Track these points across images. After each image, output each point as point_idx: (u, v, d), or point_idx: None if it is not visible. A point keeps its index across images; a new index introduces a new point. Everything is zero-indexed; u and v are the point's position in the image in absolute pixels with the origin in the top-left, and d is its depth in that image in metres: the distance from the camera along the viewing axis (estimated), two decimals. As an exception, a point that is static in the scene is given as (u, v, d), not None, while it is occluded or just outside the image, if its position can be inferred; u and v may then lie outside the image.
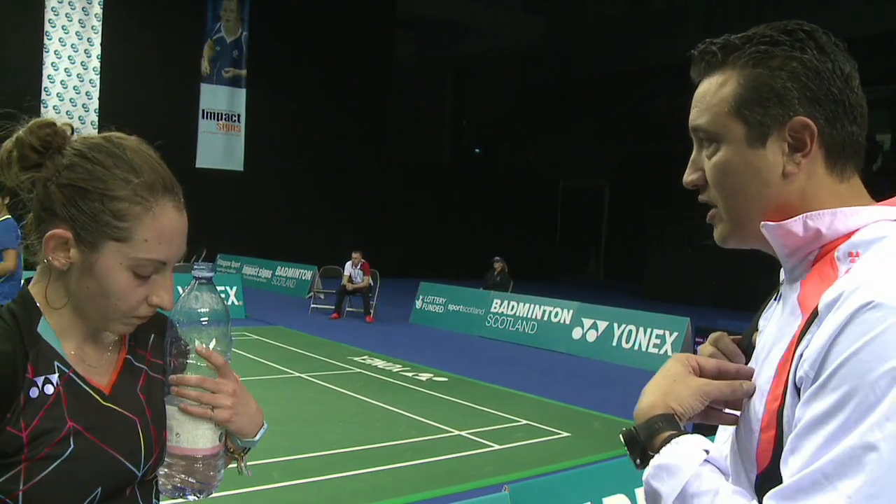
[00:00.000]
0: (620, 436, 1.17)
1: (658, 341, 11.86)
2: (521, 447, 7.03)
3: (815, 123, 1.05)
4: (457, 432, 7.47)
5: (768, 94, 1.07)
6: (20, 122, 1.38)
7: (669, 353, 11.64)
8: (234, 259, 21.25)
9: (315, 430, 7.32)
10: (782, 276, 1.14)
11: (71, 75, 19.85)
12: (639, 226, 24.50)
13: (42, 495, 1.22)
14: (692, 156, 1.17)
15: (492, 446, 7.04)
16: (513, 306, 14.22)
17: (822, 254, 1.06)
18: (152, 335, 1.44)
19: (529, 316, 13.78)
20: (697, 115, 1.14)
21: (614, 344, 12.26)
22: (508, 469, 6.25)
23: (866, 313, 0.92)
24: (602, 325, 12.61)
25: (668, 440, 1.09)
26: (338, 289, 15.79)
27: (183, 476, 1.36)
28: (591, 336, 12.65)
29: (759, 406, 1.05)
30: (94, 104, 20.09)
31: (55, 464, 1.22)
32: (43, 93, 19.44)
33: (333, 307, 15.73)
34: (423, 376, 10.20)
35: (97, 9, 19.99)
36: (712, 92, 1.12)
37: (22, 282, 2.86)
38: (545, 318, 13.48)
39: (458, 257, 25.96)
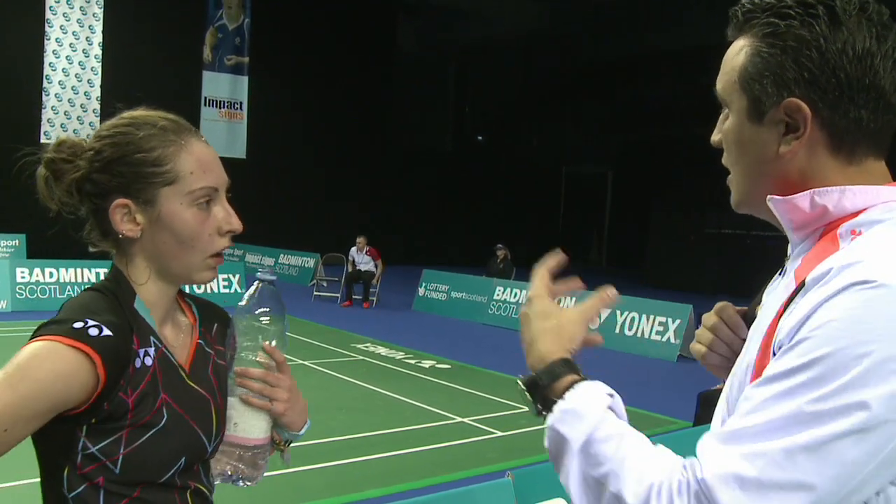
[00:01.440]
0: (518, 382, 1.17)
1: (661, 328, 11.87)
2: (524, 434, 7.05)
3: (812, 107, 1.01)
4: (460, 419, 7.49)
5: (767, 72, 1.04)
6: (40, 152, 1.50)
7: (672, 340, 11.66)
8: (237, 247, 21.26)
9: (319, 417, 7.29)
10: (790, 250, 1.13)
11: (73, 63, 19.79)
12: (642, 213, 24.45)
13: (137, 460, 1.32)
14: (721, 116, 1.16)
15: (495, 433, 7.06)
16: (515, 293, 14.23)
17: (827, 230, 1.04)
18: (216, 325, 1.56)
19: (532, 303, 13.77)
20: (719, 79, 1.13)
21: (617, 331, 12.27)
22: (511, 455, 6.26)
23: (856, 290, 0.90)
24: (604, 312, 12.60)
25: (570, 385, 1.10)
26: (345, 276, 15.79)
27: (235, 463, 1.47)
28: (594, 323, 12.57)
29: (746, 376, 1.04)
30: (96, 92, 20.05)
31: (151, 432, 1.33)
32: (44, 80, 19.40)
33: (339, 295, 15.74)
34: (426, 363, 10.22)
35: (99, -4, 19.94)
36: (730, 58, 1.10)
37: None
38: (548, 306, 13.47)
39: (461, 245, 25.96)
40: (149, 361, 1.35)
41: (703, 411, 6.34)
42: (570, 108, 29.90)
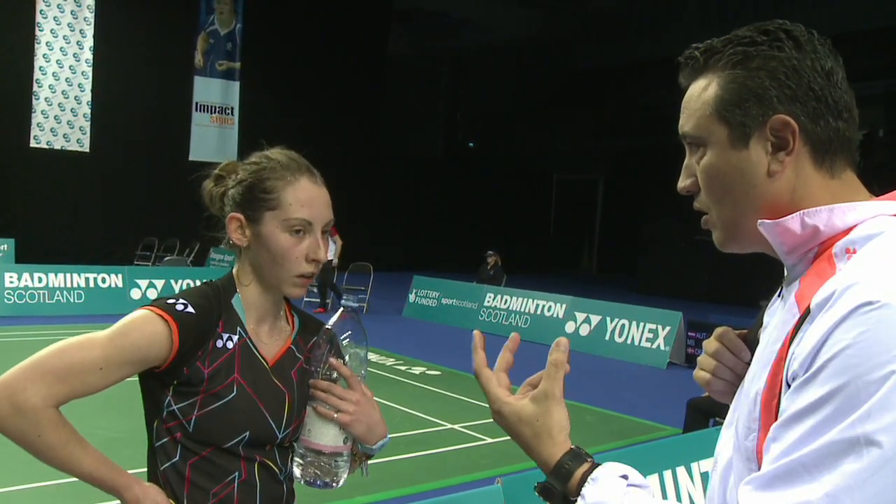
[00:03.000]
0: (536, 493, 1.18)
1: (651, 335, 11.88)
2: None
3: (796, 121, 1.04)
4: (450, 426, 7.48)
5: (747, 95, 1.06)
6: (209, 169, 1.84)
7: (662, 347, 11.67)
8: (228, 253, 21.16)
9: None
10: (785, 272, 1.13)
11: (63, 67, 19.71)
12: (633, 220, 24.51)
13: (208, 422, 1.63)
14: (685, 162, 1.17)
15: (485, 440, 7.05)
16: (506, 300, 14.23)
17: (821, 251, 1.04)
18: (314, 338, 1.79)
19: (523, 310, 13.79)
20: (684, 121, 1.14)
21: (607, 338, 12.28)
22: (502, 462, 6.25)
23: (863, 312, 0.89)
24: (595, 319, 12.63)
25: (584, 479, 1.12)
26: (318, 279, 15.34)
27: (312, 468, 1.71)
28: (585, 330, 12.67)
29: (756, 405, 1.04)
30: (87, 96, 19.97)
31: (221, 401, 1.64)
32: (34, 85, 19.31)
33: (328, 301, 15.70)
34: (417, 370, 10.21)
35: (89, 0, 19.87)
36: (696, 96, 1.12)
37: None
38: (538, 312, 13.50)
39: (452, 251, 25.94)
40: (230, 345, 1.69)
41: (693, 418, 6.35)
42: (561, 115, 29.98)
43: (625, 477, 1.10)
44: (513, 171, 29.79)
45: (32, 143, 19.33)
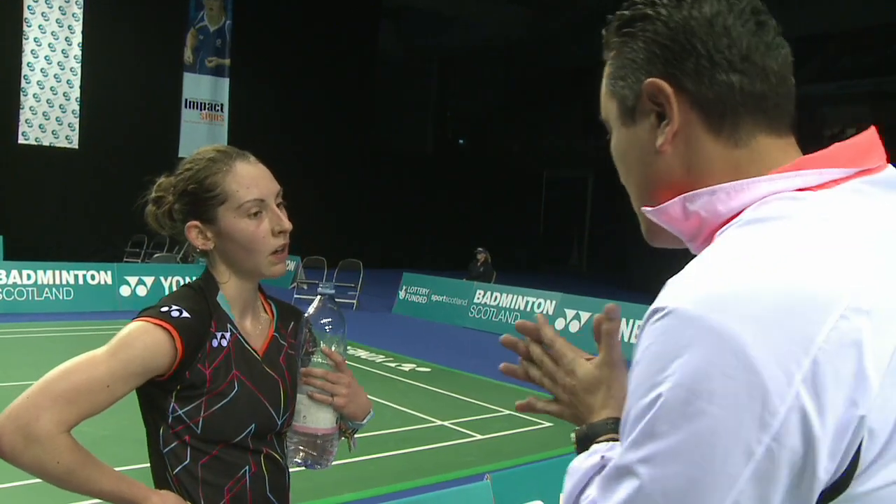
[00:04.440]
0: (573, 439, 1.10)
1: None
2: (503, 437, 7.07)
3: (673, 83, 0.88)
4: (439, 422, 7.49)
5: (624, 63, 0.94)
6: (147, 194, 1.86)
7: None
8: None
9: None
10: None
11: (52, 63, 19.61)
12: (622, 217, 24.52)
13: (216, 422, 1.66)
14: None
15: (474, 436, 7.07)
16: (496, 297, 14.25)
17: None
18: (292, 322, 1.89)
19: (512, 307, 13.81)
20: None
21: (597, 335, 12.31)
22: (490, 459, 6.28)
23: (651, 322, 0.78)
24: (585, 315, 12.67)
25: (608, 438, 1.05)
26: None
27: (307, 451, 1.76)
28: (574, 327, 12.70)
29: None
30: (76, 93, 19.89)
31: (225, 400, 1.67)
32: (22, 80, 19.21)
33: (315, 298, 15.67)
34: (406, 367, 10.22)
35: (78, -4, 19.78)
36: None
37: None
38: (528, 309, 13.52)
39: (442, 248, 25.96)
40: (224, 343, 1.71)
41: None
42: (550, 112, 30.00)
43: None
44: (502, 168, 29.81)
45: (21, 140, 19.23)
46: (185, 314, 1.66)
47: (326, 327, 1.74)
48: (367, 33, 26.61)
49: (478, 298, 14.54)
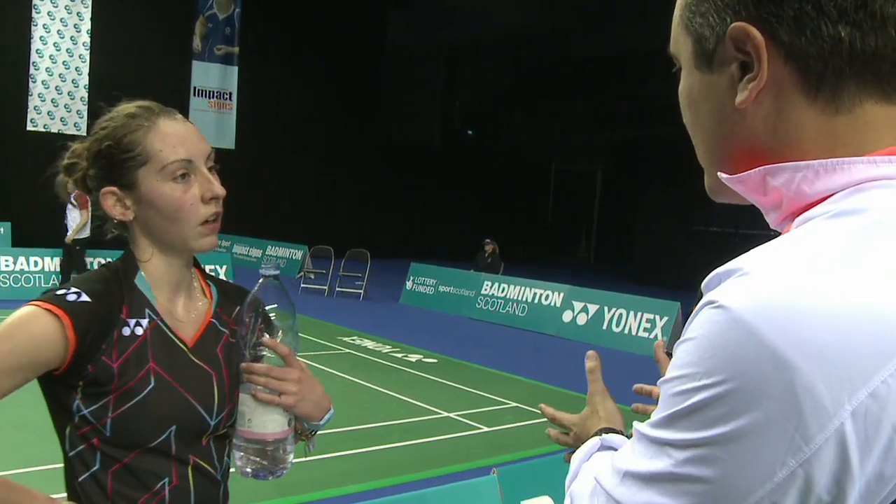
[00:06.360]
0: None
1: (648, 325, 11.89)
2: (510, 430, 7.04)
3: (766, 30, 0.71)
4: (446, 414, 7.47)
5: None
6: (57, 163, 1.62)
7: (659, 336, 11.67)
8: (225, 237, 21.16)
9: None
10: None
11: (60, 50, 19.60)
12: (630, 210, 24.50)
13: (127, 423, 1.41)
14: None
15: (481, 428, 7.04)
16: (503, 288, 14.22)
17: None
18: (237, 307, 1.59)
19: (520, 298, 13.78)
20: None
21: (604, 327, 12.28)
22: (497, 452, 6.25)
23: (705, 311, 0.68)
24: (592, 308, 12.63)
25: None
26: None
27: (256, 459, 1.48)
28: (582, 319, 12.66)
29: None
30: (84, 80, 19.88)
31: (137, 398, 1.41)
32: (31, 67, 19.21)
33: (325, 288, 15.68)
34: (413, 357, 10.20)
35: (87, -17, 19.76)
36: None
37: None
38: (536, 301, 13.49)
39: (449, 239, 25.93)
40: (139, 331, 1.46)
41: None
42: (559, 104, 29.89)
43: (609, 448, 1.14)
44: (510, 159, 29.76)
45: (29, 127, 19.24)
46: (84, 298, 1.40)
47: (271, 313, 1.47)
48: (376, 22, 26.55)
49: (485, 289, 14.51)
